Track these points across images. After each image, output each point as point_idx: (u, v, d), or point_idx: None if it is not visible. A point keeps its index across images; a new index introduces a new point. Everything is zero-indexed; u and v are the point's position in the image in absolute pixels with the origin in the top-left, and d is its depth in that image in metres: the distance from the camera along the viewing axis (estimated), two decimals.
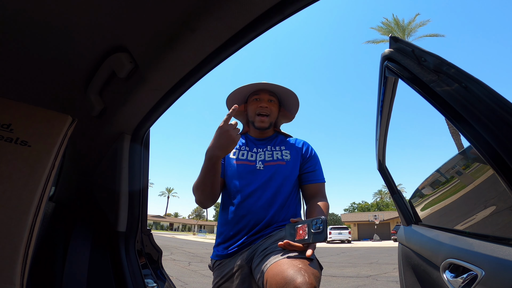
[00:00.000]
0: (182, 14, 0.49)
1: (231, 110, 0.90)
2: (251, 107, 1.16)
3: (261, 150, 1.13)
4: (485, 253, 0.60)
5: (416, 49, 0.64)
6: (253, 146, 1.16)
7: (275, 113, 1.16)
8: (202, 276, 4.95)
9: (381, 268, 6.46)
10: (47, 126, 0.58)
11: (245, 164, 1.10)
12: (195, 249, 11.56)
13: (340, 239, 22.93)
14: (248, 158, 1.11)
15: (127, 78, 0.66)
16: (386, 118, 1.02)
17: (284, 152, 1.12)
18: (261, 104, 1.13)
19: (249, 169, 1.08)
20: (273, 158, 1.10)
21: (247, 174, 1.07)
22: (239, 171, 1.08)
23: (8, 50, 0.61)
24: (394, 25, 21.11)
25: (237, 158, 1.12)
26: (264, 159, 1.10)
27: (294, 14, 0.49)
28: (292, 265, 0.72)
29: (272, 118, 1.15)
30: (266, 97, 1.14)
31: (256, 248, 0.95)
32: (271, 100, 1.15)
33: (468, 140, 0.54)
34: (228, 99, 1.18)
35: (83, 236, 0.92)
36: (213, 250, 1.09)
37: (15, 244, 0.48)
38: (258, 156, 1.11)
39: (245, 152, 1.14)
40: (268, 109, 1.13)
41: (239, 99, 1.20)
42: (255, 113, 1.14)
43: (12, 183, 0.51)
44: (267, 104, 1.13)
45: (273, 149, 1.13)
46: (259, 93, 1.15)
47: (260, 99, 1.14)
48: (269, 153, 1.12)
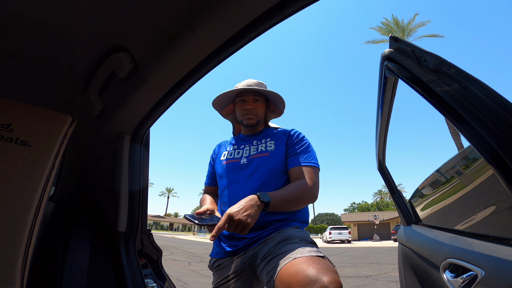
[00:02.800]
0: (182, 14, 0.49)
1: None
2: (238, 108, 1.17)
3: (247, 145, 1.14)
4: (485, 253, 0.60)
5: (416, 49, 0.64)
6: (241, 144, 1.18)
7: (261, 112, 1.16)
8: (202, 276, 4.94)
9: (381, 268, 6.46)
10: (47, 126, 0.58)
11: (231, 162, 1.12)
12: (195, 249, 11.57)
13: (340, 239, 22.91)
14: (235, 156, 1.13)
15: (127, 78, 0.66)
16: (386, 118, 1.02)
17: (268, 143, 1.11)
18: (246, 106, 1.13)
19: (234, 166, 1.09)
20: (258, 151, 1.10)
21: (232, 171, 1.09)
22: (227, 170, 1.11)
23: (8, 50, 0.61)
24: (394, 25, 21.11)
25: (226, 158, 1.15)
26: (249, 154, 1.10)
27: (294, 14, 0.49)
28: (311, 263, 0.71)
29: (260, 116, 1.16)
30: (250, 97, 1.14)
31: (256, 252, 0.93)
32: (257, 100, 1.15)
33: (468, 140, 0.54)
34: (214, 102, 1.20)
35: (83, 236, 0.92)
36: (212, 248, 1.09)
37: (15, 244, 0.48)
38: (244, 152, 1.12)
39: (233, 151, 1.16)
40: (253, 110, 1.14)
41: (226, 101, 1.21)
42: (242, 113, 1.15)
43: (12, 183, 0.51)
44: (252, 105, 1.14)
45: (258, 143, 1.13)
46: (244, 94, 1.15)
47: (245, 100, 1.15)
48: (254, 147, 1.12)
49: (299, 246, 0.82)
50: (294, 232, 0.92)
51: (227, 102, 1.22)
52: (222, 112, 1.25)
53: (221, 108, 1.24)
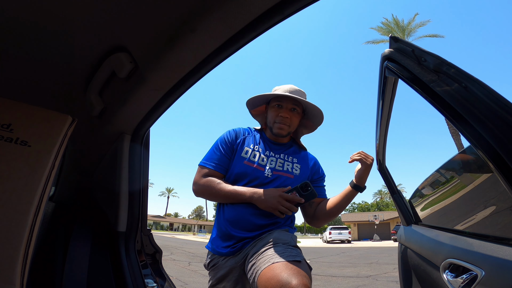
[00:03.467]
0: (182, 14, 0.49)
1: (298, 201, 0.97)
2: (272, 113, 1.11)
3: (273, 156, 1.10)
4: (485, 253, 0.60)
5: (416, 49, 0.64)
6: (266, 149, 1.12)
7: (295, 123, 1.12)
8: (202, 276, 4.94)
9: (381, 268, 6.46)
10: (47, 126, 0.58)
11: (255, 168, 1.06)
12: (195, 249, 11.56)
13: (340, 239, 22.91)
14: (259, 162, 1.08)
15: (127, 78, 0.66)
16: (386, 118, 1.02)
17: (295, 165, 1.10)
18: (282, 113, 1.08)
19: (257, 174, 1.05)
20: (283, 168, 1.08)
21: (254, 178, 1.04)
22: (248, 173, 1.05)
23: (9, 50, 0.61)
24: (394, 25, 21.12)
25: (249, 159, 1.08)
26: (274, 167, 1.07)
27: (294, 14, 0.49)
28: (285, 268, 0.78)
29: (292, 128, 1.11)
30: (289, 105, 1.08)
31: (247, 251, 0.96)
32: (294, 109, 1.09)
33: (468, 140, 0.54)
34: (249, 101, 1.14)
35: (83, 236, 0.92)
36: (210, 241, 1.10)
37: (15, 244, 0.48)
38: (269, 162, 1.08)
39: (257, 154, 1.09)
40: (288, 120, 1.08)
41: (261, 100, 1.16)
42: (274, 120, 1.09)
43: (12, 183, 0.51)
44: (288, 113, 1.08)
45: (285, 159, 1.11)
46: (282, 100, 1.09)
47: (282, 105, 1.09)
48: (280, 162, 1.09)
49: (281, 249, 0.88)
50: (281, 235, 0.96)
51: (261, 102, 1.17)
52: (253, 111, 1.19)
53: (253, 107, 1.18)
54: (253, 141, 1.14)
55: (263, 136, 1.17)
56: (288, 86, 1.11)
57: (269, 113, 1.12)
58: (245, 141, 1.13)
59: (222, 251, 1.01)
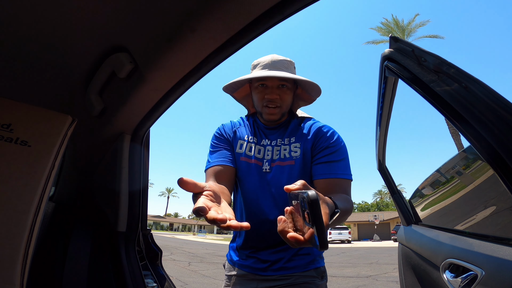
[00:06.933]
0: (182, 14, 0.49)
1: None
2: (257, 95, 0.91)
3: (270, 144, 0.94)
4: (485, 253, 0.60)
5: (416, 49, 0.65)
6: (262, 137, 0.96)
7: (287, 101, 0.91)
8: (202, 276, 4.94)
9: (381, 268, 6.46)
10: (47, 126, 0.58)
11: (253, 163, 0.92)
12: (195, 249, 11.55)
13: (340, 239, 22.93)
14: (256, 155, 0.93)
15: (127, 78, 0.66)
16: (386, 118, 1.02)
17: (293, 146, 0.90)
18: (268, 95, 0.88)
19: (256, 171, 0.92)
20: (280, 156, 0.90)
21: (253, 176, 0.92)
22: (247, 172, 0.93)
23: (8, 50, 0.61)
24: (393, 26, 21.13)
25: (245, 153, 0.93)
26: (271, 158, 0.91)
27: (294, 14, 0.49)
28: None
29: (285, 107, 0.91)
30: (275, 83, 0.88)
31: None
32: (283, 85, 0.88)
33: (468, 140, 0.54)
34: (226, 86, 0.96)
35: (83, 236, 0.92)
36: (229, 248, 1.02)
37: (15, 244, 0.48)
38: (265, 153, 0.93)
39: (253, 145, 0.94)
40: (278, 100, 0.88)
41: (242, 82, 0.94)
42: (262, 104, 0.90)
43: (12, 183, 0.51)
44: (276, 93, 0.88)
45: (281, 143, 0.92)
46: (266, 78, 0.88)
47: (267, 85, 0.88)
48: (277, 150, 0.92)
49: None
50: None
51: (242, 83, 0.96)
52: (235, 94, 1.00)
53: (234, 91, 0.99)
54: (246, 131, 0.99)
55: (257, 121, 1.00)
56: (269, 57, 0.91)
57: (254, 96, 0.93)
58: (236, 133, 0.99)
59: (242, 269, 0.94)
